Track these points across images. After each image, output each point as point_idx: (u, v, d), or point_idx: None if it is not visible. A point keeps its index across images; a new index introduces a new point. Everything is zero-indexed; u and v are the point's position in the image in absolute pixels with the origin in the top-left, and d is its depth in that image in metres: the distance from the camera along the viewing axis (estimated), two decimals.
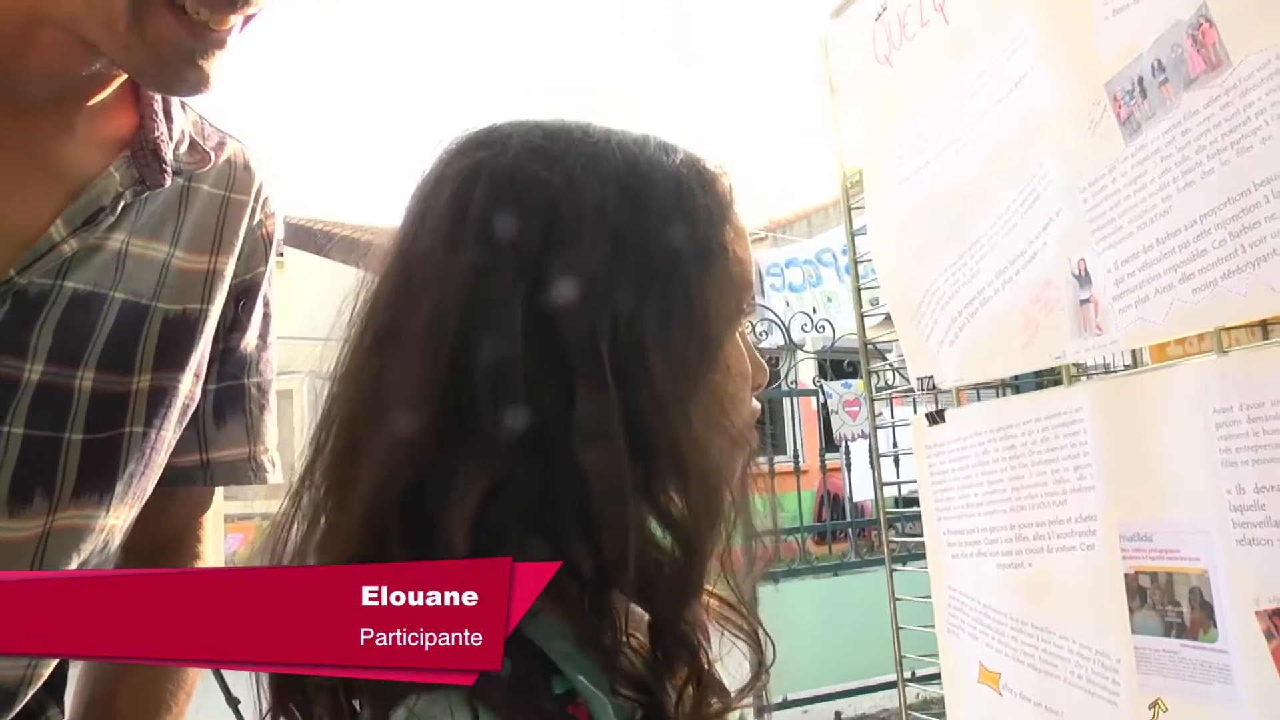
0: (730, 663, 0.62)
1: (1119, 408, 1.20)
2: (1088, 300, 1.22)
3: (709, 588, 0.61)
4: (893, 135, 1.62)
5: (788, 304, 5.86)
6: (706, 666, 0.57)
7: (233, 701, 3.68)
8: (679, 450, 0.56)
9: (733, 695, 0.59)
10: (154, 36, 0.71)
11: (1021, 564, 1.35)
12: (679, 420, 0.56)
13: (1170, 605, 1.11)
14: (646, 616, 0.57)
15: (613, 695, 0.53)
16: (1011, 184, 1.35)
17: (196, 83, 0.75)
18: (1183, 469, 1.09)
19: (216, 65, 0.75)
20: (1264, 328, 1.13)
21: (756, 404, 0.68)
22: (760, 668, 0.63)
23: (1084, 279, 1.23)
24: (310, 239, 11.37)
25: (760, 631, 0.63)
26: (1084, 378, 1.36)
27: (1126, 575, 1.17)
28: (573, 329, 0.55)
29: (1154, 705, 1.14)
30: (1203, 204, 1.04)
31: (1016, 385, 1.77)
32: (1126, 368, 2.00)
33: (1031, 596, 1.34)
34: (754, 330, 4.64)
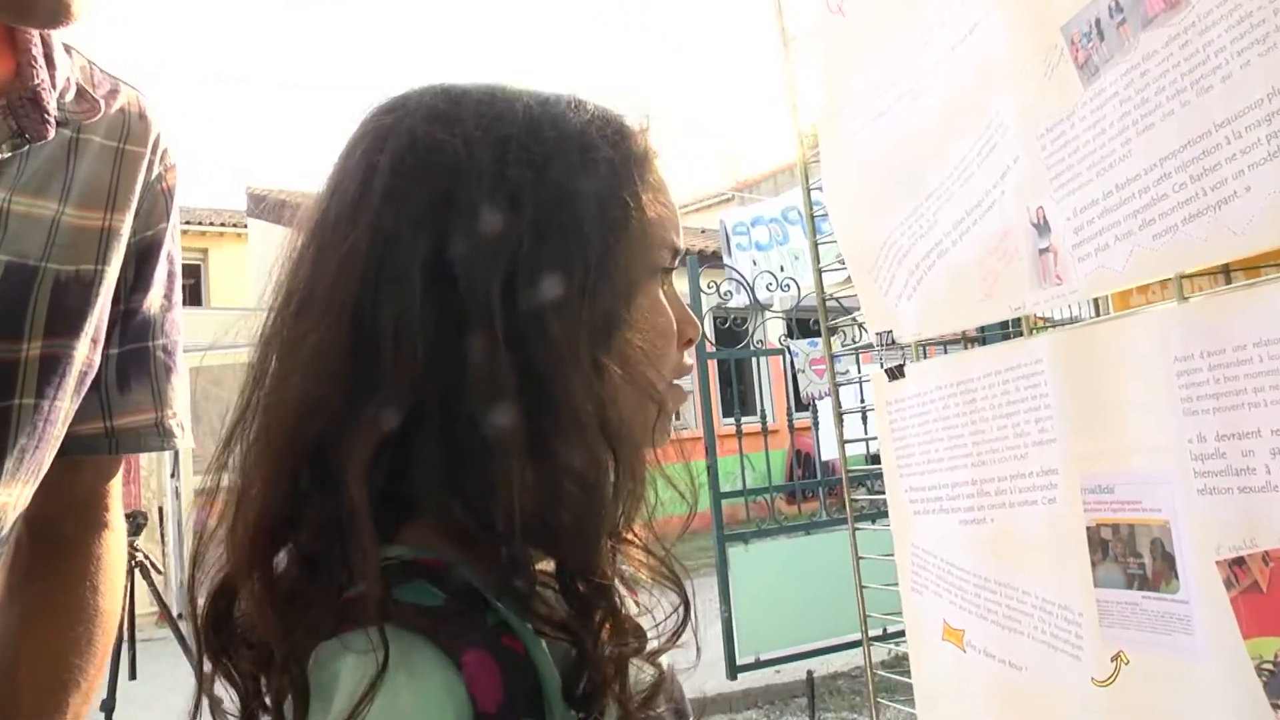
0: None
1: (1079, 358, 1.18)
2: (1047, 249, 1.20)
3: (634, 537, 0.63)
4: (847, 87, 1.58)
5: (754, 263, 5.81)
6: (619, 610, 0.59)
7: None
8: (574, 406, 0.57)
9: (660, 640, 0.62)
10: None
11: (983, 520, 1.33)
12: (575, 377, 0.57)
13: (1132, 557, 1.10)
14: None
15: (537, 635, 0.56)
16: (968, 133, 1.32)
17: (55, 12, 0.69)
18: (1144, 419, 1.07)
19: None
20: (1226, 273, 1.11)
21: (687, 359, 0.69)
22: (686, 610, 0.64)
23: (1043, 228, 1.20)
24: (274, 209, 11.23)
25: (680, 575, 0.64)
26: (1049, 329, 1.34)
27: (1088, 528, 1.16)
28: (469, 287, 0.57)
29: (1116, 658, 1.12)
30: (1162, 147, 1.01)
31: (983, 339, 1.75)
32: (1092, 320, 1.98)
33: (994, 552, 1.32)
34: (717, 290, 4.61)
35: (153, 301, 0.93)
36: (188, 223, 13.72)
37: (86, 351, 0.84)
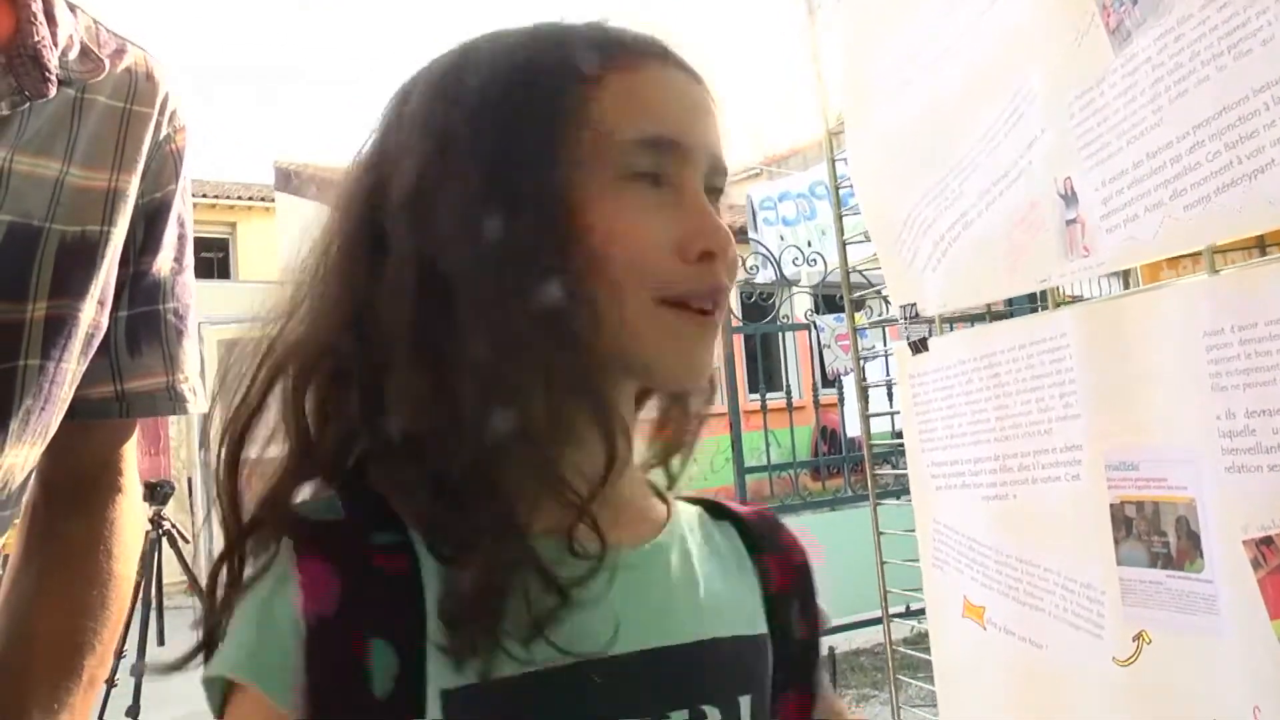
0: None
1: (1105, 332, 1.15)
2: (1074, 220, 1.17)
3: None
4: (872, 58, 1.55)
5: (781, 238, 5.78)
6: (511, 542, 0.58)
7: None
8: (479, 329, 0.58)
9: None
10: None
11: (1006, 495, 1.31)
12: (487, 306, 0.58)
13: (1156, 535, 1.07)
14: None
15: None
16: (994, 102, 1.29)
17: None
18: (1171, 395, 1.05)
19: None
20: (1261, 246, 1.08)
21: (704, 274, 0.63)
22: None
23: (1070, 198, 1.17)
24: (301, 184, 11.27)
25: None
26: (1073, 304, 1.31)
27: (1112, 505, 1.14)
28: (391, 218, 0.61)
29: (1138, 637, 1.10)
30: (1196, 114, 0.98)
31: (1010, 312, 1.72)
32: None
33: (1016, 529, 1.31)
34: (744, 265, 4.58)
35: (162, 264, 0.92)
36: (216, 197, 13.81)
37: (93, 313, 0.84)
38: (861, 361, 1.94)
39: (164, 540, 4.25)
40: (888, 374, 2.83)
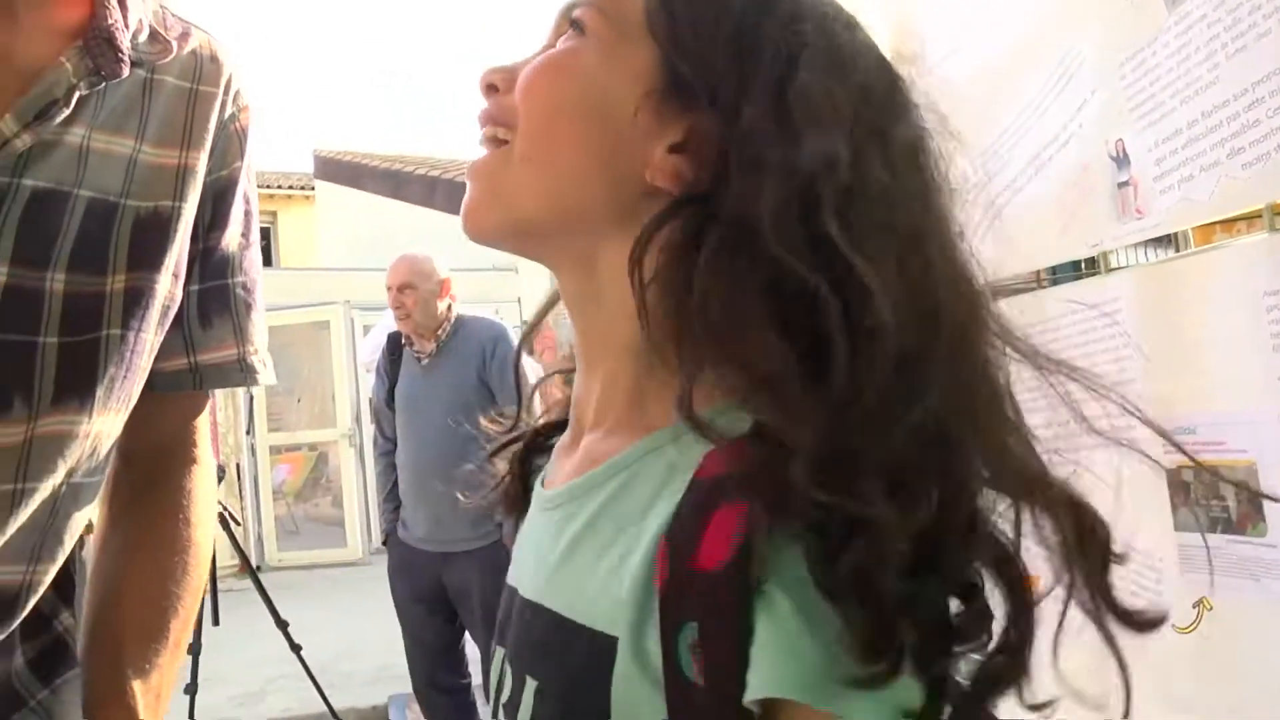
0: None
1: (1160, 295, 1.14)
2: (1126, 183, 1.15)
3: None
4: (917, 25, 1.53)
5: None
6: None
7: (282, 624, 3.77)
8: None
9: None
10: None
11: (1058, 462, 1.29)
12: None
13: (1215, 500, 1.06)
14: None
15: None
16: (1043, 66, 1.28)
17: None
18: (1229, 357, 1.03)
19: None
20: None
21: None
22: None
23: (1122, 160, 1.16)
24: (342, 171, 11.37)
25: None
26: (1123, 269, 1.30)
27: (1168, 471, 1.12)
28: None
29: (1199, 604, 1.09)
30: (1255, 70, 0.96)
31: (1054, 279, 1.70)
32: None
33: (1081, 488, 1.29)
34: None
35: (230, 240, 0.94)
36: (258, 186, 13.92)
37: (168, 285, 0.86)
38: None
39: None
40: None
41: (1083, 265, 1.48)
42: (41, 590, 0.83)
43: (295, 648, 3.62)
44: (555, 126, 0.60)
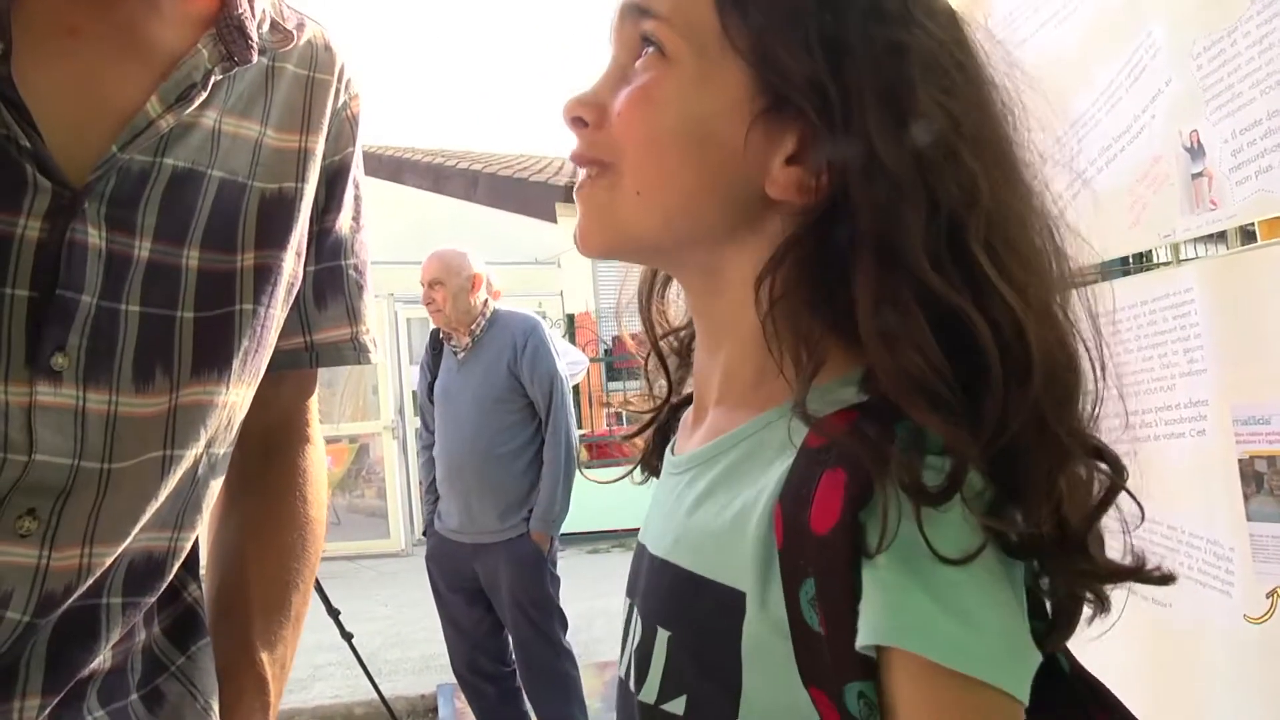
0: None
1: (1232, 286, 1.14)
2: (1200, 174, 1.15)
3: None
4: (987, 15, 1.54)
5: None
6: None
7: (333, 612, 3.83)
8: None
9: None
10: None
11: (1126, 453, 1.30)
12: None
13: None
14: None
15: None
16: (1115, 57, 1.28)
17: None
18: None
19: None
20: None
21: None
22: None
23: (1196, 151, 1.16)
24: (383, 165, 11.45)
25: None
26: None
27: (1240, 461, 1.12)
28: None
29: (1272, 594, 1.09)
30: None
31: (1125, 270, 1.70)
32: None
33: (1137, 485, 1.29)
34: None
35: (343, 222, 0.97)
36: None
37: (293, 264, 0.89)
38: None
39: None
40: None
41: (1153, 256, 1.48)
42: (184, 557, 0.87)
43: (347, 636, 3.67)
44: (664, 159, 0.62)
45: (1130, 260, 1.63)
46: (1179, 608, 1.23)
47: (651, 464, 0.79)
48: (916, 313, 0.55)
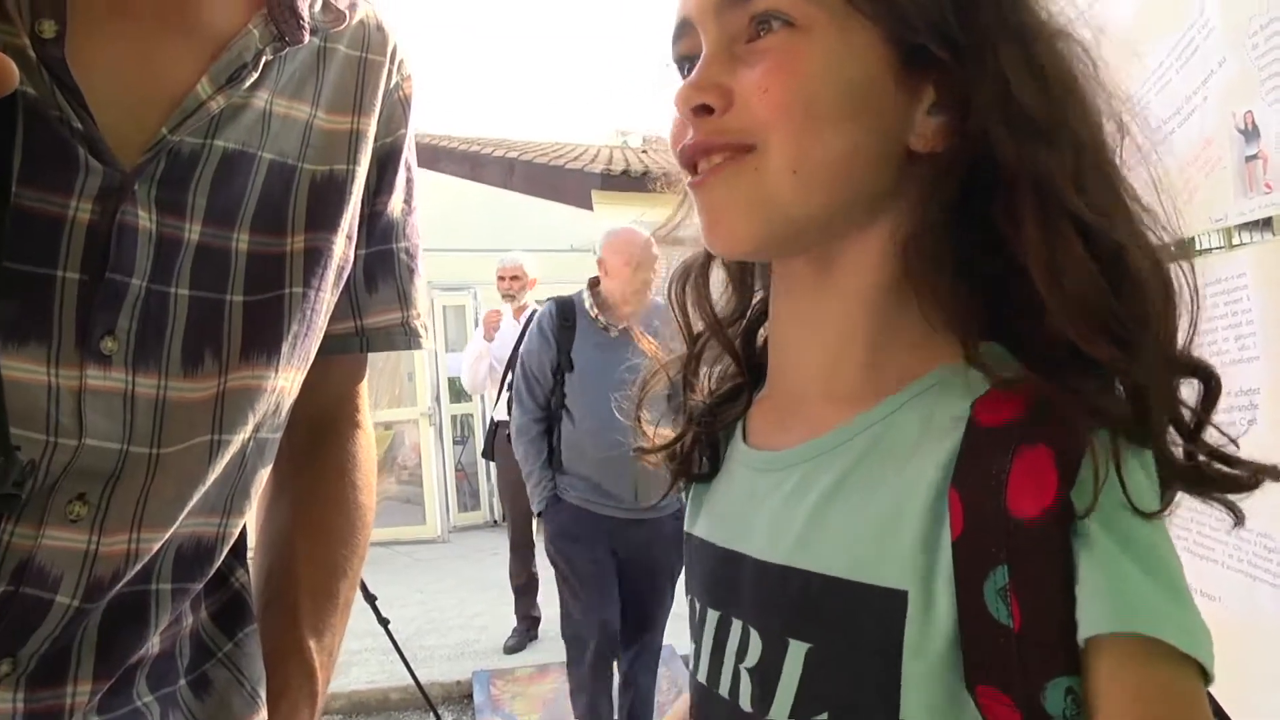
0: None
1: None
2: (1255, 156, 1.12)
3: None
4: None
5: None
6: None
7: (370, 598, 3.85)
8: None
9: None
10: None
11: (1174, 442, 1.27)
12: None
13: None
14: None
15: None
16: (1165, 36, 1.25)
17: None
18: None
19: None
20: None
21: None
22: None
23: (1251, 133, 1.13)
24: (421, 154, 11.47)
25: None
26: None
27: None
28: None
29: None
30: None
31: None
32: None
33: None
34: None
35: (394, 206, 0.96)
36: None
37: (343, 247, 0.88)
38: None
39: None
40: None
41: (1197, 242, 1.45)
42: (231, 542, 0.86)
43: (383, 621, 3.69)
44: (821, 131, 0.59)
45: (1174, 247, 1.60)
46: (1228, 601, 1.21)
47: (688, 470, 0.75)
48: (1078, 244, 0.55)
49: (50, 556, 0.71)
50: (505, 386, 5.17)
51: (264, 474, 0.88)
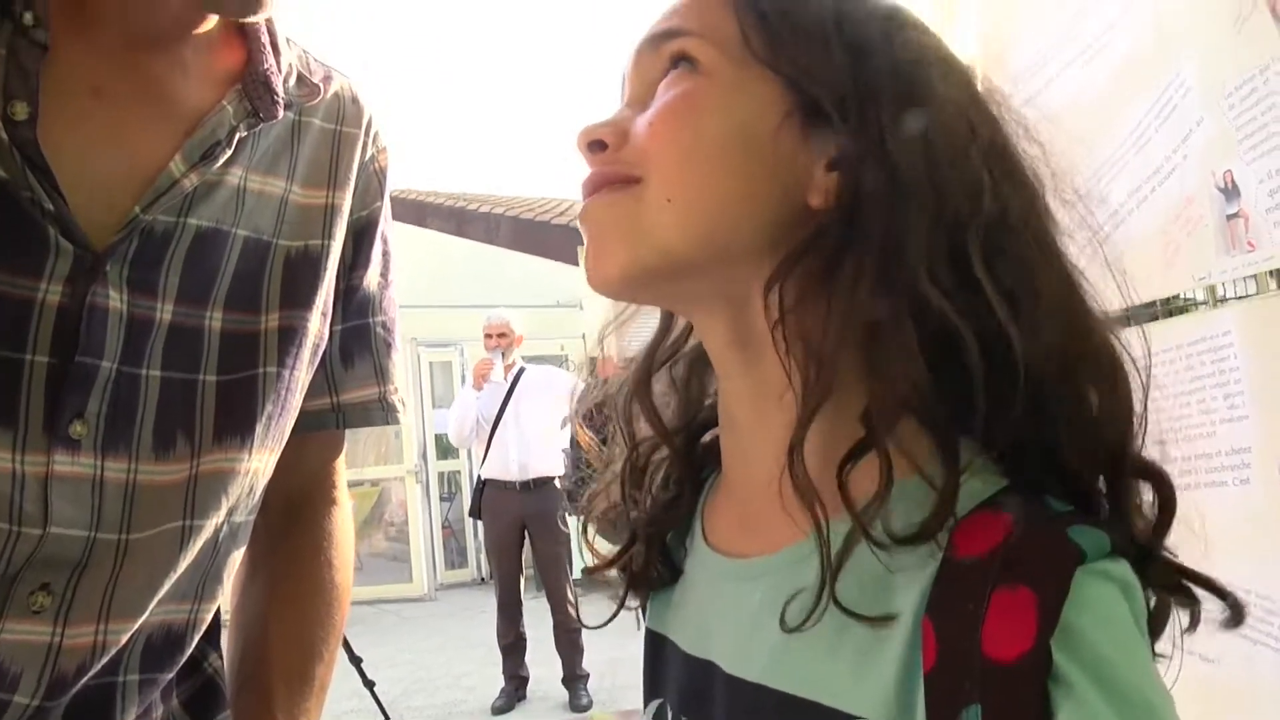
0: None
1: (1274, 329, 1.11)
2: (1236, 215, 1.13)
3: None
4: (1011, 53, 1.52)
5: None
6: None
7: (355, 660, 3.79)
8: None
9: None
10: None
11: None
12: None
13: None
14: None
15: None
16: (1144, 97, 1.25)
17: (246, 2, 0.73)
18: None
19: None
20: None
21: None
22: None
23: (1231, 192, 1.13)
24: (408, 210, 11.55)
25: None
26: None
27: None
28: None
29: None
30: None
31: (1128, 319, 1.66)
32: None
33: (1178, 537, 1.25)
34: None
35: (371, 279, 0.95)
36: None
37: (318, 324, 0.87)
38: None
39: None
40: None
41: (1187, 298, 1.45)
42: (204, 629, 0.84)
43: (369, 684, 3.63)
44: (700, 165, 0.58)
45: (1158, 305, 1.61)
46: (1227, 664, 1.19)
47: (645, 580, 0.71)
48: (907, 323, 0.53)
49: (9, 652, 0.68)
50: (490, 445, 5.14)
51: (238, 556, 0.86)
